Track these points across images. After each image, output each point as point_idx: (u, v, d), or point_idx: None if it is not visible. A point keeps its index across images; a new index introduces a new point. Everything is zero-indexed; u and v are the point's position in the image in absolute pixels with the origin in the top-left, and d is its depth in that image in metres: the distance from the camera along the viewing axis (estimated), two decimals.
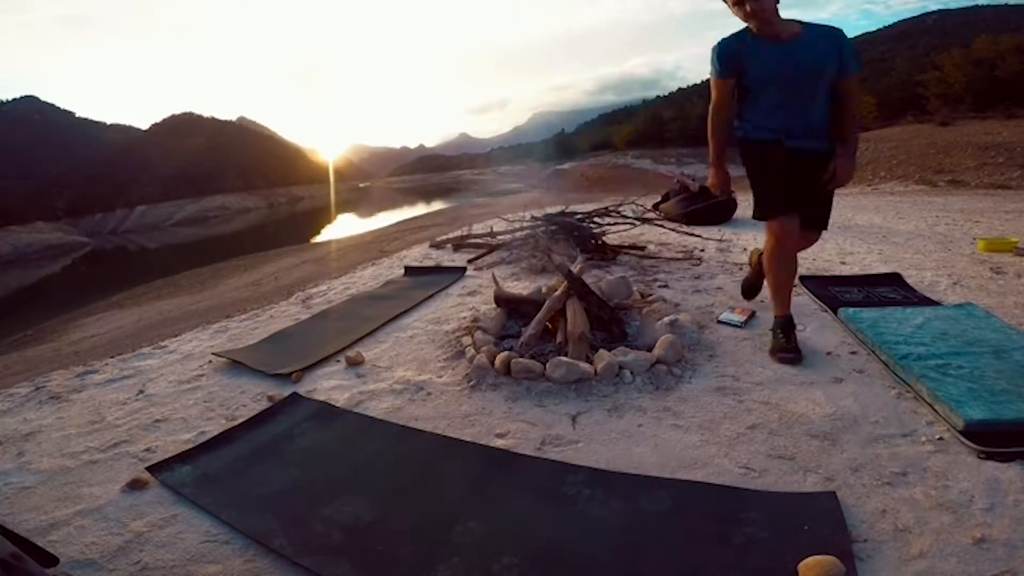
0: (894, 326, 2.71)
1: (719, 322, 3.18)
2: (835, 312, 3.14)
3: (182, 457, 2.13)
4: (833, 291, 3.62)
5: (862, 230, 6.37)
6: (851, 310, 3.01)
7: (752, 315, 3.23)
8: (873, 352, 2.59)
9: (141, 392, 2.88)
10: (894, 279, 3.87)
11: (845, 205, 9.25)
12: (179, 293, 11.59)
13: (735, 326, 3.12)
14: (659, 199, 9.29)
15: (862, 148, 16.76)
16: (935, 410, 2.02)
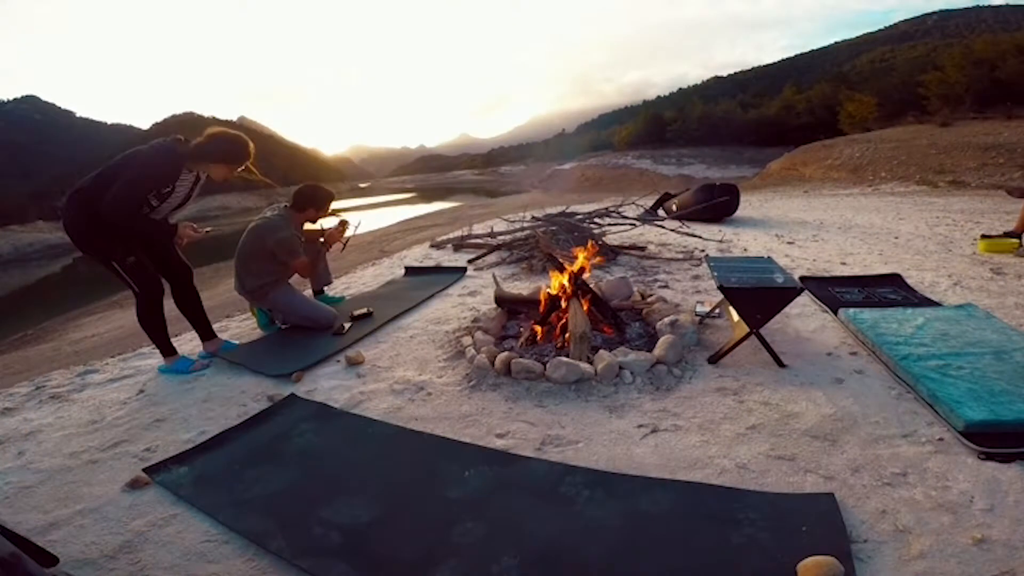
0: (894, 327, 2.71)
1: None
2: (835, 313, 3.14)
3: (179, 459, 2.13)
4: (833, 291, 3.62)
5: (862, 230, 6.37)
6: (851, 311, 3.01)
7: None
8: (873, 353, 2.59)
9: (141, 391, 2.88)
10: (894, 280, 3.87)
11: (846, 206, 9.26)
12: None
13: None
14: (657, 199, 9.37)
15: (863, 149, 16.77)
16: (935, 410, 2.02)
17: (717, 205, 7.60)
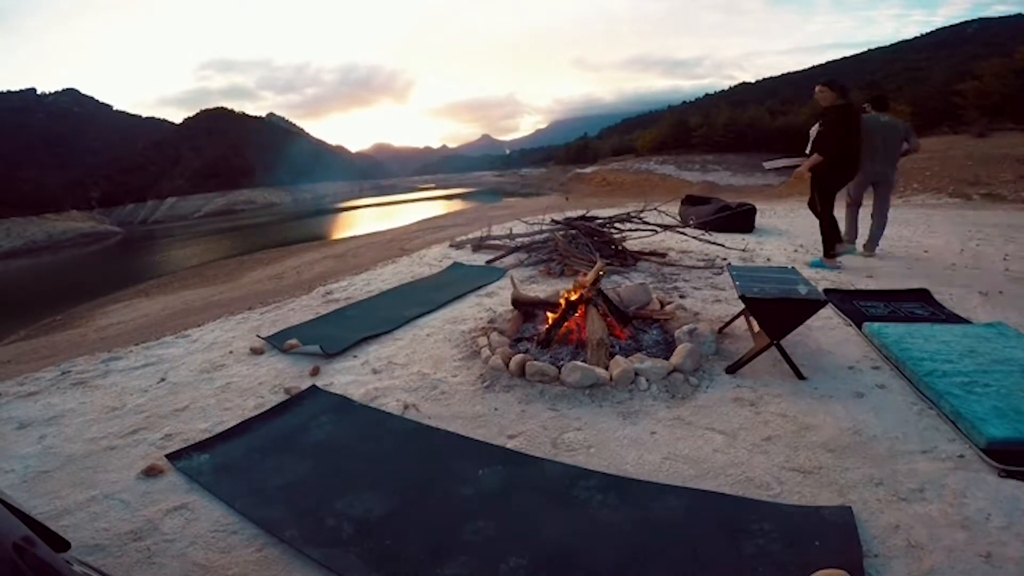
0: (920, 342, 2.63)
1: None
2: (859, 326, 3.07)
3: (201, 446, 2.18)
4: (858, 305, 3.54)
5: (890, 243, 6.20)
6: (876, 325, 2.94)
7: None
8: (897, 368, 2.53)
9: (163, 380, 2.95)
10: (922, 295, 3.77)
11: None
12: (204, 283, 11.84)
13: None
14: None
15: None
16: (957, 427, 1.97)
17: (732, 220, 7.55)
